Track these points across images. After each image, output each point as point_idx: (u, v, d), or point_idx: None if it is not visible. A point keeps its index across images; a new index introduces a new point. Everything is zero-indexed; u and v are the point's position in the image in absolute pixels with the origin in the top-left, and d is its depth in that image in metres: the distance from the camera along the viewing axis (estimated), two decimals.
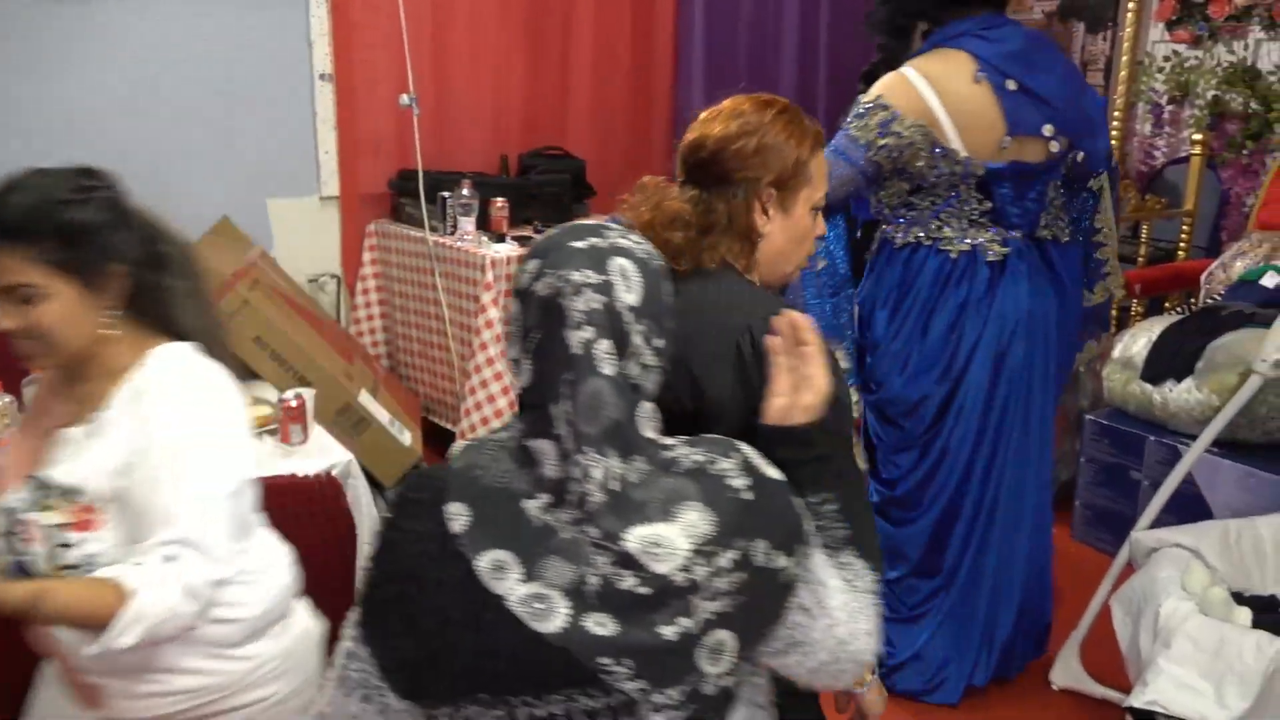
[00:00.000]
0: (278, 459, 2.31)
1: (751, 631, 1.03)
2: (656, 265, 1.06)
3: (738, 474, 1.02)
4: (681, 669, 0.98)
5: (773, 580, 1.02)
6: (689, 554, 0.97)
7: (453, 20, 3.85)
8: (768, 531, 1.01)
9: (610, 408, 0.98)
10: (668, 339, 1.05)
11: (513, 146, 4.05)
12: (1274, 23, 3.84)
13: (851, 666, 1.11)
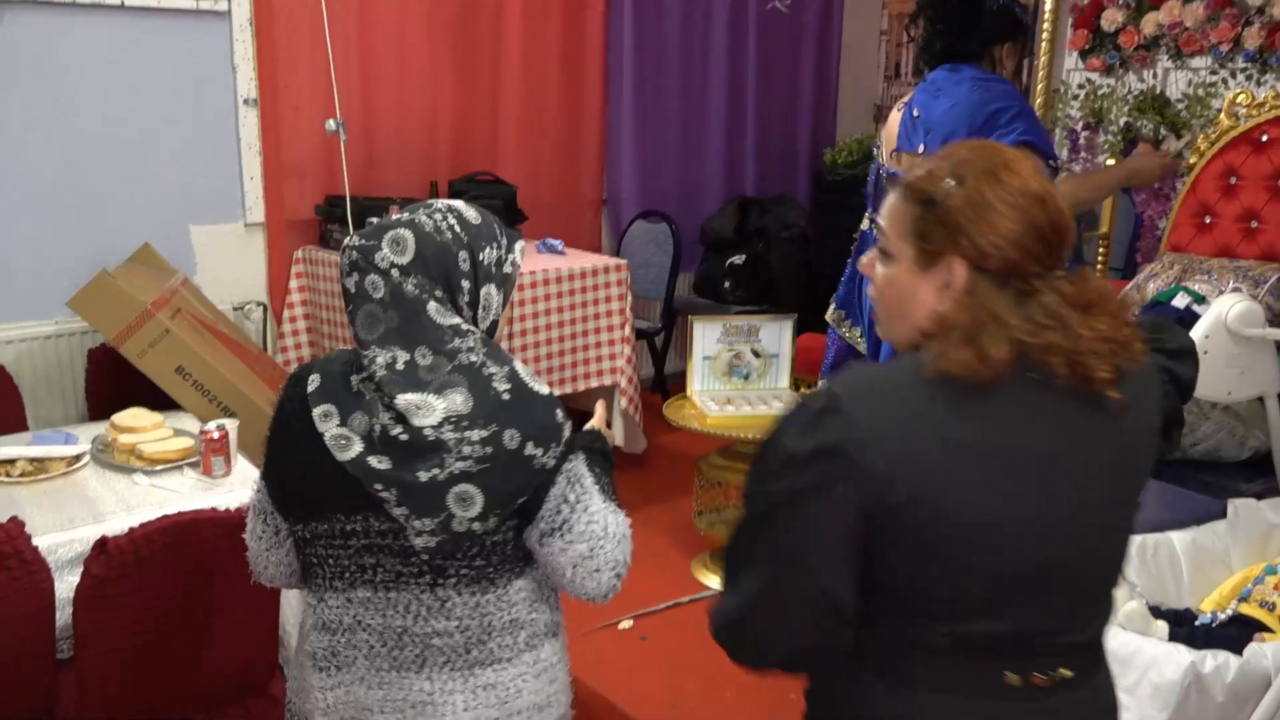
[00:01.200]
0: (199, 493, 2.25)
1: (500, 494, 1.33)
2: (446, 234, 1.38)
3: (503, 380, 1.35)
4: (434, 505, 1.31)
5: (522, 462, 1.33)
6: (441, 420, 1.31)
7: (380, 45, 3.84)
8: (518, 424, 1.32)
9: (385, 320, 1.35)
10: (455, 288, 1.38)
11: (443, 172, 4.03)
12: (1180, 52, 3.99)
13: (608, 572, 1.41)
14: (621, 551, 1.43)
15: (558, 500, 1.37)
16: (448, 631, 1.39)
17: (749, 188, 5.09)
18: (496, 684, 1.41)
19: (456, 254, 1.39)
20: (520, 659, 1.44)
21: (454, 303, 1.39)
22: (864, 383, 1.13)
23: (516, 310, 3.47)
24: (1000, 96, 2.73)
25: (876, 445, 1.06)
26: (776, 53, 5.12)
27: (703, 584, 3.11)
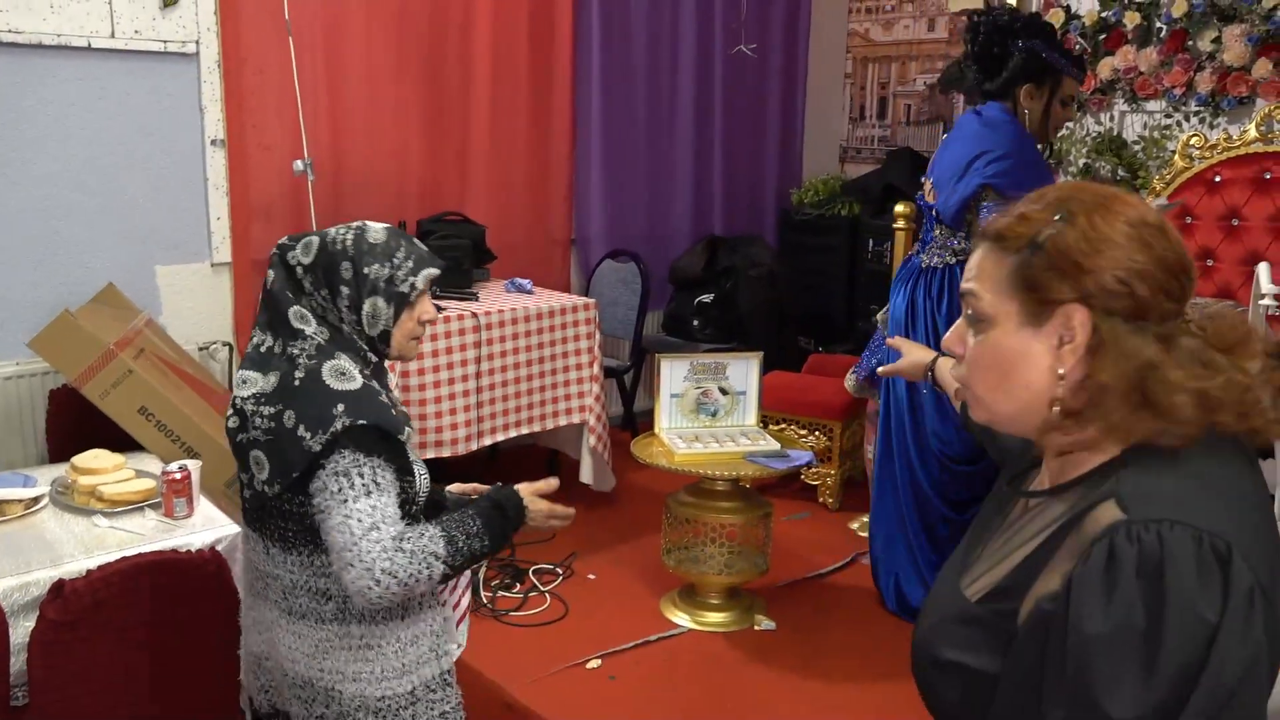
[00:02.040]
0: (160, 534, 2.22)
1: (278, 465, 1.56)
2: (338, 246, 1.62)
3: (302, 370, 1.58)
4: (245, 460, 1.62)
5: (294, 441, 1.54)
6: (249, 394, 1.60)
7: (348, 86, 3.86)
8: (297, 408, 1.54)
9: (271, 309, 1.63)
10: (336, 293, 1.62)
11: (411, 212, 4.04)
12: (1136, 96, 4.09)
13: (360, 570, 1.50)
14: (383, 559, 1.51)
15: (322, 486, 1.55)
16: (273, 575, 1.65)
17: (717, 227, 5.14)
18: (306, 636, 1.63)
19: (340, 264, 1.62)
20: (326, 625, 1.62)
21: (334, 304, 1.63)
22: (1170, 493, 0.93)
23: (485, 349, 3.47)
24: (991, 143, 2.87)
25: (1254, 552, 0.90)
26: (743, 95, 5.19)
27: (672, 622, 3.10)
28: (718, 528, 3.01)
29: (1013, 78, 2.90)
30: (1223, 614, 0.87)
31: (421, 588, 1.56)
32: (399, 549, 1.52)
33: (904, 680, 2.92)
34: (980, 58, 2.95)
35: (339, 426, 1.52)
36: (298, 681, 1.64)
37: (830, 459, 4.00)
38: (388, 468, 1.58)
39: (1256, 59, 3.70)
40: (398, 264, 1.63)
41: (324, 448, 1.52)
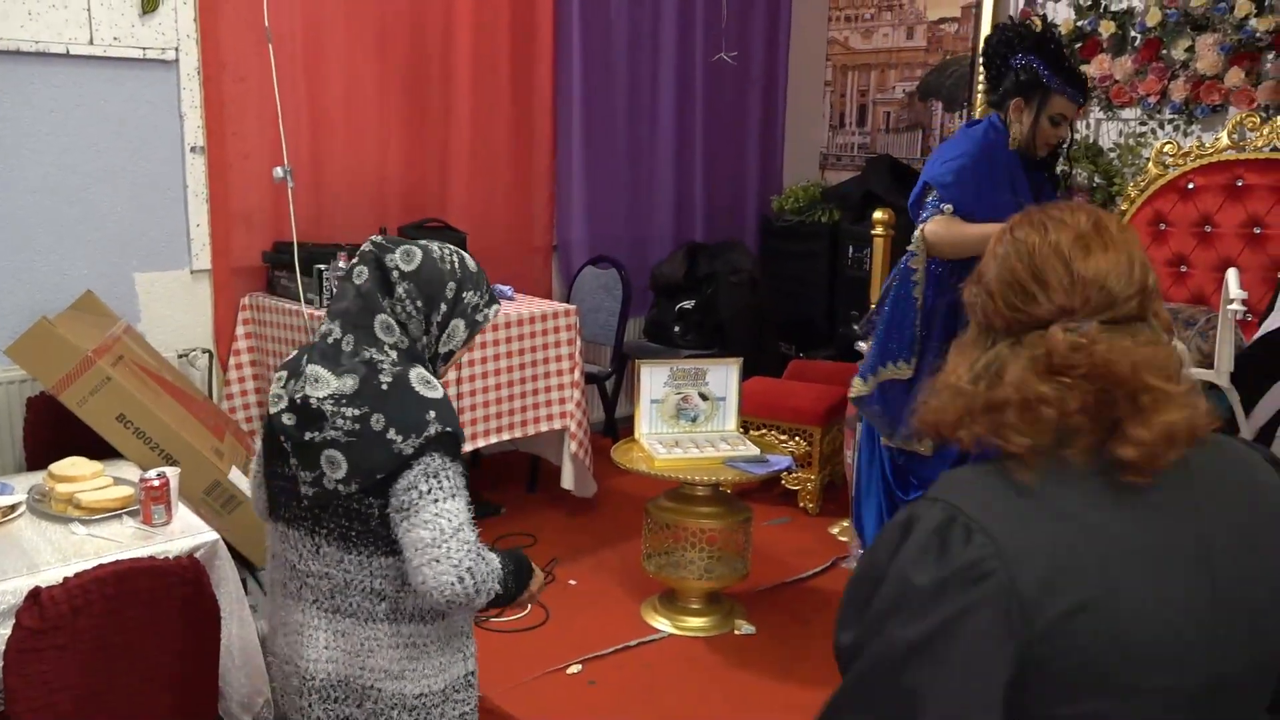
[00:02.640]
0: (138, 542, 2.22)
1: (361, 464, 1.59)
2: (445, 265, 1.70)
3: (388, 377, 1.62)
4: (311, 461, 1.62)
5: (383, 443, 1.58)
6: (326, 395, 1.61)
7: (329, 94, 3.86)
8: (386, 412, 1.59)
9: (359, 309, 1.66)
10: (433, 307, 1.68)
11: (392, 218, 4.04)
12: (1111, 104, 4.14)
13: (447, 566, 1.55)
14: (469, 559, 1.58)
15: (410, 485, 1.58)
16: (319, 574, 1.67)
17: (698, 233, 5.16)
18: (351, 634, 1.67)
19: (447, 283, 1.70)
20: (377, 624, 1.66)
21: (427, 319, 1.70)
22: (975, 483, 1.02)
23: (466, 355, 3.47)
24: (952, 148, 2.98)
25: (1023, 556, 0.95)
26: (724, 103, 5.22)
27: (652, 627, 3.11)
28: (698, 533, 3.03)
29: (1005, 91, 2.96)
30: (928, 583, 0.95)
31: (479, 601, 1.62)
32: (480, 554, 1.61)
33: None
34: (987, 69, 3.04)
35: (432, 432, 1.59)
36: (328, 684, 1.68)
37: (810, 464, 4.02)
38: (463, 477, 1.65)
39: (1229, 68, 3.75)
40: (484, 295, 1.77)
41: (415, 452, 1.58)
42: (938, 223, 2.87)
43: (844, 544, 3.69)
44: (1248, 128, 3.59)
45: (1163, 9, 3.90)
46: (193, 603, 2.01)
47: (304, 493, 1.65)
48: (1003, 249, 1.10)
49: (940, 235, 2.86)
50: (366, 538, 1.64)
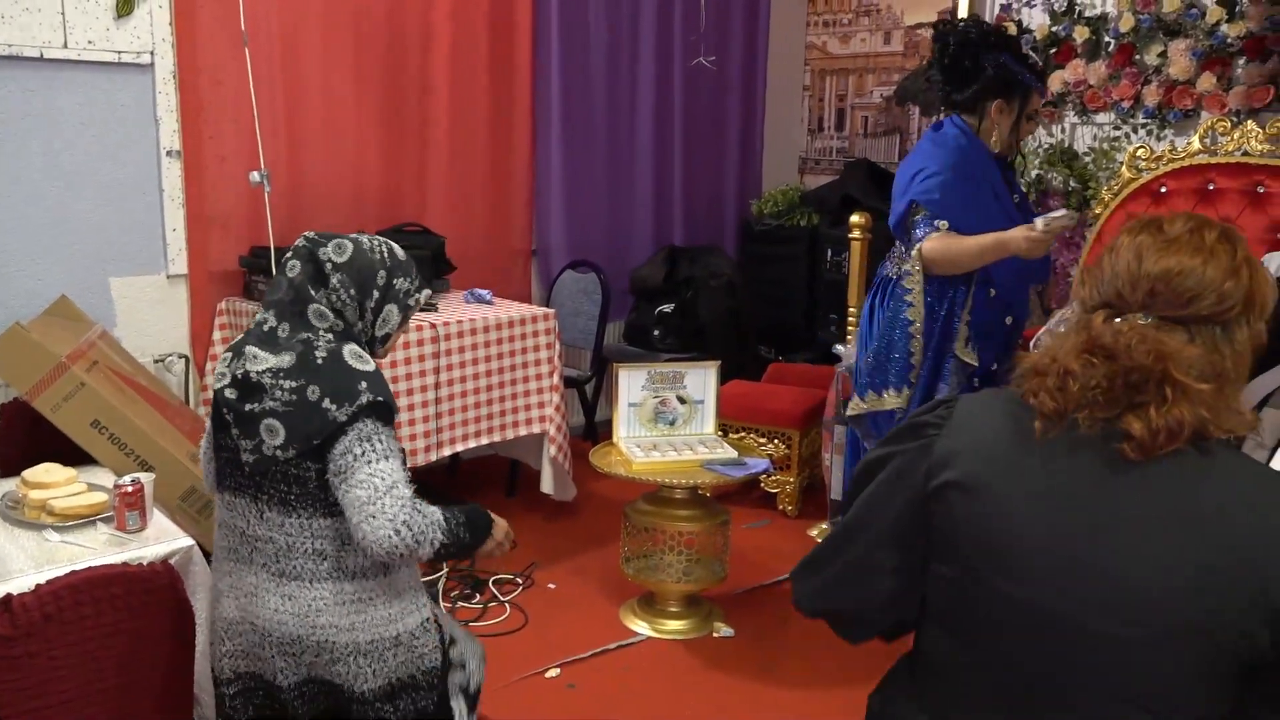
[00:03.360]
0: (112, 548, 2.20)
1: (298, 432, 1.73)
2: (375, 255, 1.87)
3: (323, 352, 1.77)
4: (254, 428, 1.76)
5: (318, 411, 1.72)
6: (264, 369, 1.76)
7: (305, 97, 3.86)
8: (321, 383, 1.73)
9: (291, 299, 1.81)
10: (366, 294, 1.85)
11: (370, 223, 4.04)
12: (1086, 108, 4.18)
13: (384, 521, 1.68)
14: (404, 513, 1.70)
15: (345, 449, 1.72)
16: (266, 538, 1.79)
17: (677, 237, 5.17)
18: (297, 597, 1.77)
19: (378, 271, 1.87)
20: (321, 584, 1.78)
21: (361, 305, 1.86)
22: (998, 397, 1.28)
23: (444, 360, 3.47)
24: (927, 160, 2.94)
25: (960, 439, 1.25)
26: (702, 107, 5.24)
27: (631, 630, 3.11)
28: (676, 536, 3.03)
29: (983, 92, 2.95)
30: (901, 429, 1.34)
31: (423, 550, 1.73)
32: (415, 509, 1.73)
33: (861, 685, 2.96)
34: (950, 70, 2.99)
35: (364, 400, 1.74)
36: (285, 639, 1.79)
37: (789, 467, 4.04)
38: (395, 441, 1.79)
39: (1200, 73, 3.80)
40: (414, 280, 1.94)
41: (349, 419, 1.73)
42: (936, 240, 2.87)
43: None
44: (1219, 132, 3.63)
45: (1136, 15, 3.94)
46: (168, 608, 2.00)
47: (245, 460, 1.78)
48: (1112, 241, 1.26)
49: (939, 252, 2.86)
50: (305, 500, 1.76)
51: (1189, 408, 1.12)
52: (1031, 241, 2.69)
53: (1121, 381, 1.14)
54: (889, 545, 1.31)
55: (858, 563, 1.35)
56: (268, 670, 1.83)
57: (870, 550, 1.33)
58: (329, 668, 1.80)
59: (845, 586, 1.39)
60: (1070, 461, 1.17)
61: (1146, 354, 1.13)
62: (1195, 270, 1.17)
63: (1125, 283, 1.20)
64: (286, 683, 1.82)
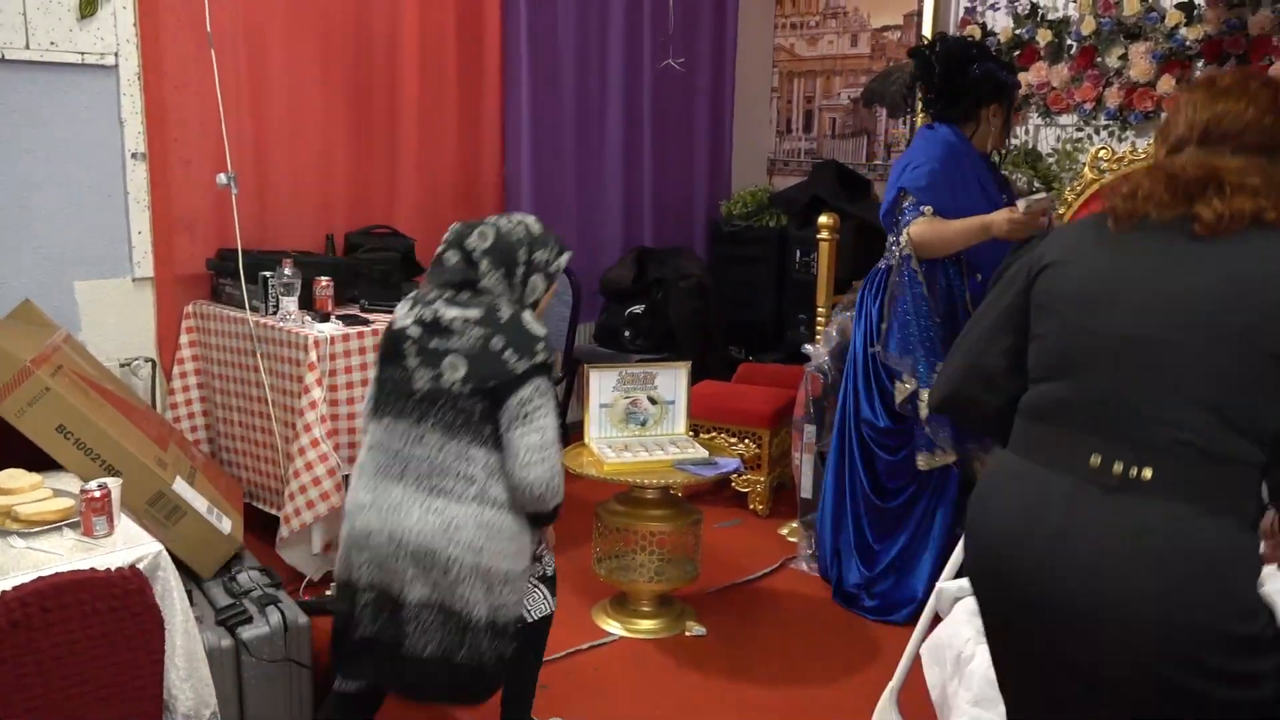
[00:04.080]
0: (79, 554, 2.18)
1: (476, 371, 2.05)
2: (514, 236, 2.18)
3: (506, 312, 2.11)
4: (436, 362, 2.08)
5: (498, 359, 2.06)
6: (454, 317, 2.09)
7: (272, 99, 3.84)
8: (504, 336, 2.07)
9: (459, 279, 2.15)
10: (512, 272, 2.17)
11: (339, 225, 4.02)
12: (1049, 110, 4.24)
13: (551, 466, 2.07)
14: (560, 465, 2.10)
15: (526, 398, 2.05)
16: (422, 458, 2.08)
17: (647, 239, 5.19)
18: (442, 512, 2.05)
19: (518, 250, 2.16)
20: (467, 505, 2.06)
21: (509, 280, 2.15)
22: (1088, 221, 1.58)
23: None
24: (918, 155, 3.11)
25: (1050, 239, 1.60)
26: (671, 109, 5.25)
27: (604, 630, 3.12)
28: (648, 536, 3.05)
29: (976, 101, 3.13)
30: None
31: (555, 500, 2.12)
32: (564, 466, 2.12)
33: (833, 683, 3.01)
34: (942, 89, 3.15)
35: (540, 359, 2.08)
36: (420, 551, 2.05)
37: (760, 466, 4.06)
38: (556, 402, 2.13)
39: (1160, 75, 3.86)
40: (552, 249, 2.22)
41: (525, 371, 2.06)
42: (921, 224, 3.02)
43: (793, 545, 3.73)
44: None
45: (1097, 18, 4.00)
46: (136, 615, 1.98)
47: (418, 387, 2.09)
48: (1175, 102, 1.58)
49: (926, 235, 3.01)
50: (467, 430, 2.07)
51: (1246, 198, 1.40)
52: (1013, 223, 2.83)
53: (1181, 189, 1.43)
54: (1002, 329, 1.62)
55: (976, 347, 1.67)
56: (396, 583, 2.07)
57: (988, 335, 1.65)
58: (452, 589, 2.05)
59: (965, 370, 1.69)
60: (1145, 241, 1.46)
61: (1198, 168, 1.44)
62: (1240, 111, 1.48)
63: (1184, 129, 1.51)
64: (412, 598, 2.06)
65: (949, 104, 3.15)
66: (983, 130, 3.17)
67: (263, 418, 3.40)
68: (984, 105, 3.14)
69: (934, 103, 3.18)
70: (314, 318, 3.39)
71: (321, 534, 3.22)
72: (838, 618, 3.25)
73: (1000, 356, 1.62)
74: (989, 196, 3.11)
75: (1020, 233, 2.83)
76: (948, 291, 3.13)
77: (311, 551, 3.23)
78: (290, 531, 3.20)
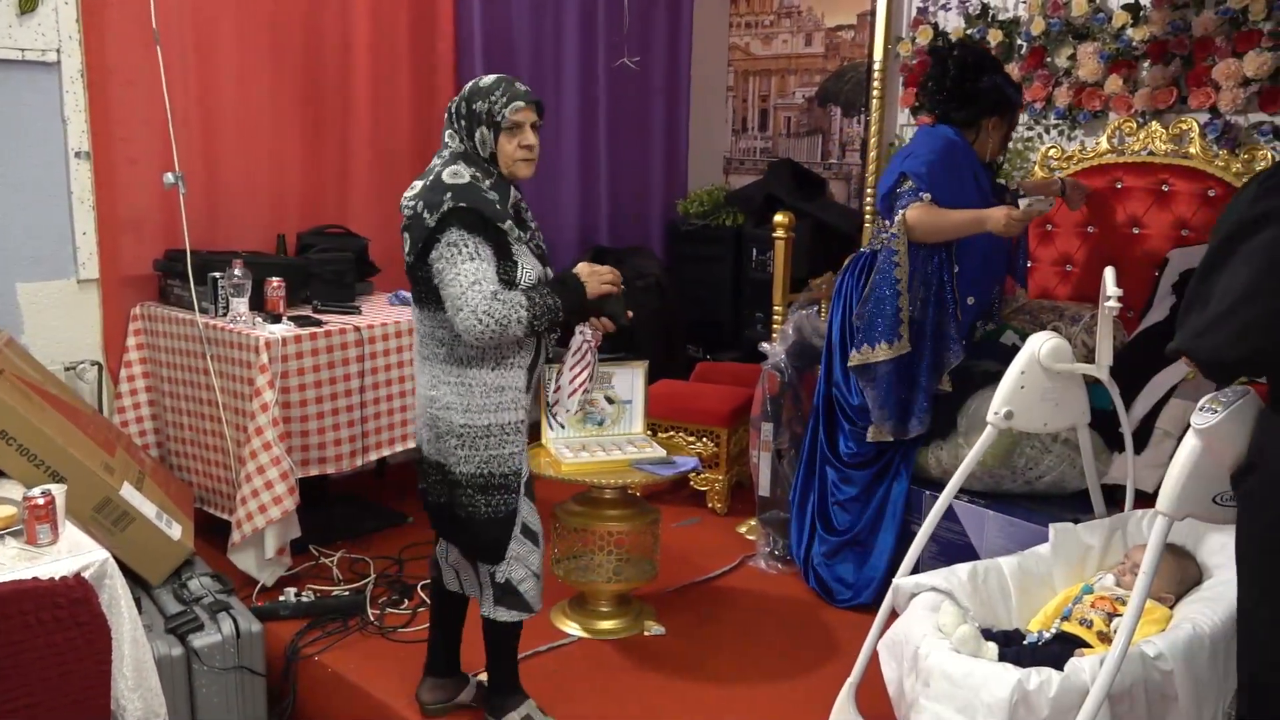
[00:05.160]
0: (22, 563, 2.13)
1: (412, 241, 2.21)
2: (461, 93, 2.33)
3: (431, 174, 2.24)
4: (403, 240, 2.25)
5: (421, 221, 2.18)
6: (407, 196, 2.25)
7: (220, 97, 3.77)
8: (424, 198, 2.19)
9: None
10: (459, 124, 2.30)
11: (290, 225, 3.97)
12: None
13: (468, 313, 2.14)
14: (484, 302, 2.13)
15: (438, 255, 2.17)
16: (418, 332, 2.32)
17: (603, 238, 5.17)
18: (426, 373, 2.31)
19: (459, 104, 2.28)
20: (440, 364, 2.27)
21: (461, 133, 2.27)
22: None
23: (368, 363, 3.42)
24: (920, 147, 3.22)
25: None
26: (627, 108, 5.24)
27: (563, 631, 3.10)
28: (606, 536, 3.03)
29: (980, 111, 3.23)
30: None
31: (513, 328, 2.17)
32: (495, 298, 2.14)
33: (792, 680, 3.02)
34: (952, 92, 3.23)
35: (447, 207, 2.14)
36: (421, 410, 2.33)
37: (718, 465, 4.07)
38: (486, 245, 2.18)
39: (1108, 75, 3.92)
40: (494, 100, 2.24)
41: (437, 224, 2.14)
42: (918, 209, 3.10)
43: (751, 542, 3.73)
44: (1125, 133, 3.75)
45: (1046, 19, 4.05)
46: (82, 624, 1.94)
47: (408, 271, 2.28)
48: None
49: (922, 219, 3.08)
50: (430, 296, 2.23)
51: None
52: (1010, 220, 2.93)
53: None
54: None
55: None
56: (421, 439, 2.37)
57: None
58: (439, 443, 2.29)
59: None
60: None
61: None
62: None
63: None
64: (425, 454, 2.35)
65: (956, 108, 3.24)
66: (982, 139, 3.26)
67: (213, 421, 3.35)
68: (987, 116, 3.24)
69: (941, 104, 3.27)
70: (265, 319, 3.34)
71: (275, 538, 3.16)
72: (797, 615, 3.26)
73: None
74: (984, 195, 3.21)
75: (1015, 230, 2.97)
76: (937, 277, 3.19)
77: (265, 556, 3.18)
78: (242, 536, 3.15)
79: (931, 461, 3.22)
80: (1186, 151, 3.59)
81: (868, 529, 3.31)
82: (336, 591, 3.27)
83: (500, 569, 2.38)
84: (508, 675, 2.58)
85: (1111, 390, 2.50)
